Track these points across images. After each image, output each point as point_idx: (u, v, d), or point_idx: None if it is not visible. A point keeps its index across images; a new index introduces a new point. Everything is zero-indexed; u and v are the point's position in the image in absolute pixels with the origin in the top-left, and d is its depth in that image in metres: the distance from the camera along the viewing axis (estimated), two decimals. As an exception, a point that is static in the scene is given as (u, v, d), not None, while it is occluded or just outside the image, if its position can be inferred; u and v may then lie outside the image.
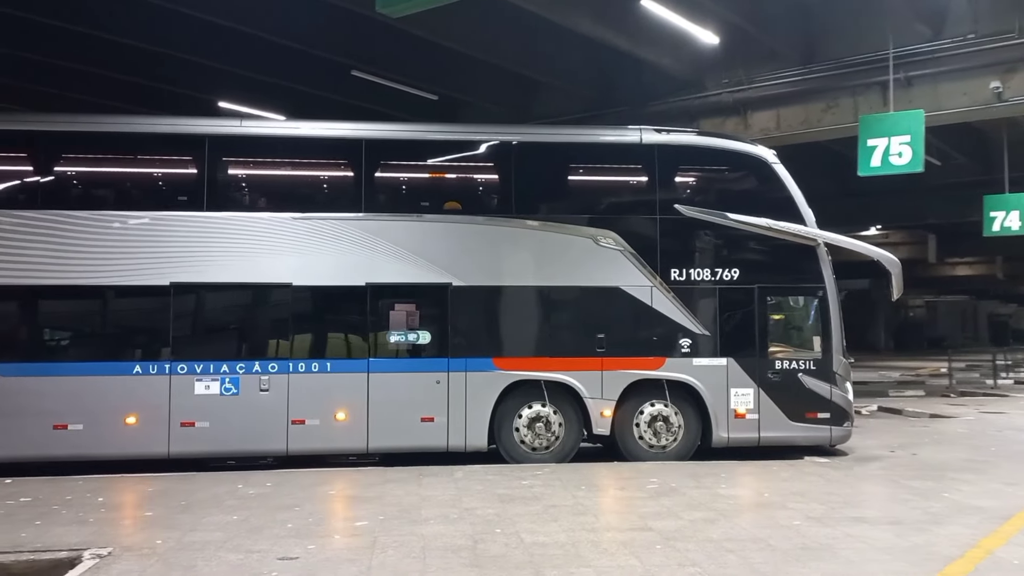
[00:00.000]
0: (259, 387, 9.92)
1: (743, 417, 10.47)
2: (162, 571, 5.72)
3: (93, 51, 17.69)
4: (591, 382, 10.36)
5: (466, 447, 10.18)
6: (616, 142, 11.24)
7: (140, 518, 7.26)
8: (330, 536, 6.62)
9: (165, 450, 9.80)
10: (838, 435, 10.74)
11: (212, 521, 7.16)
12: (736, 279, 10.62)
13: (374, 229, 10.23)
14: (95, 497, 8.19)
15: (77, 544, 6.32)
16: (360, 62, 18.24)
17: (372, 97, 20.17)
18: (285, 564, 5.84)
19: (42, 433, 9.57)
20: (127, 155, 10.65)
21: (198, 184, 10.34)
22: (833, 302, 10.72)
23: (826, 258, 10.78)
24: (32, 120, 11.96)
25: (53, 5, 15.43)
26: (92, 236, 9.86)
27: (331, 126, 11.32)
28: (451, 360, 10.22)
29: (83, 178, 10.76)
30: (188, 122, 10.97)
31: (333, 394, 10.03)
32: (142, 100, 20.04)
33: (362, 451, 10.18)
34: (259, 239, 10.13)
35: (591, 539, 6.57)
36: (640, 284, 10.48)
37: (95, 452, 9.73)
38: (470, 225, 10.54)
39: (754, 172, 11.09)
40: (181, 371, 9.83)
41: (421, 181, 11.42)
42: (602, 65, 17.82)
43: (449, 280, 10.28)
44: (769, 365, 10.58)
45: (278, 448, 9.99)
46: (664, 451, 10.50)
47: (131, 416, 9.74)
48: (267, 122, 12.05)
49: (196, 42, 17.06)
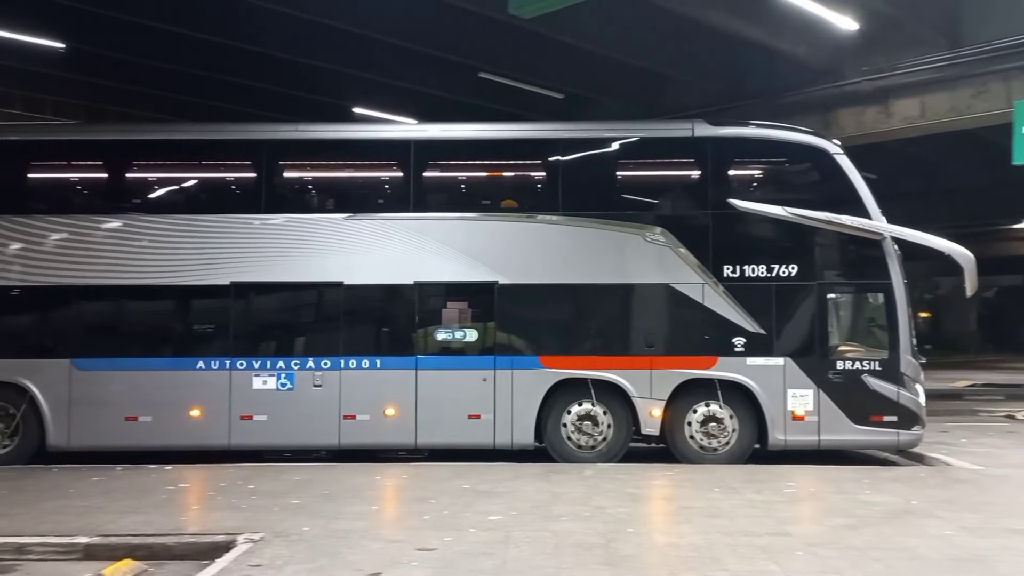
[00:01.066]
0: (313, 383, 10.23)
1: (802, 419, 9.97)
2: (310, 556, 5.99)
3: (242, 64, 18.77)
4: (640, 381, 10.15)
5: (512, 445, 10.18)
6: (667, 137, 11.07)
7: (288, 505, 7.62)
8: (465, 529, 6.77)
9: (226, 441, 10.26)
10: (906, 439, 10.11)
11: (354, 510, 7.45)
12: (794, 275, 10.17)
13: (422, 228, 10.38)
14: (246, 484, 8.66)
15: (232, 528, 6.70)
16: (487, 64, 18.55)
17: (499, 98, 20.46)
18: (424, 555, 6.02)
19: (115, 424, 10.18)
20: (191, 161, 11.25)
21: (256, 188, 10.80)
22: (901, 299, 10.06)
23: (893, 253, 10.16)
24: (108, 130, 13.11)
25: (207, 22, 16.42)
26: (160, 239, 10.43)
27: (381, 129, 11.63)
28: (497, 358, 10.26)
29: (151, 183, 11.36)
30: (247, 128, 11.51)
31: (383, 390, 10.24)
32: (284, 108, 21.05)
33: (411, 446, 10.37)
34: (313, 240, 10.46)
35: (727, 542, 6.45)
36: (691, 281, 10.18)
37: (163, 443, 10.25)
38: (516, 223, 10.54)
39: (815, 164, 10.60)
40: (240, 367, 10.28)
41: (467, 180, 11.46)
42: (733, 57, 17.44)
43: (496, 278, 10.30)
44: (830, 365, 10.07)
45: (331, 442, 10.30)
46: (716, 453, 10.17)
47: (195, 409, 10.24)
48: (321, 126, 12.26)
49: (335, 52, 17.81)
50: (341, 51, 17.78)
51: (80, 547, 6.40)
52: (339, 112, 21.35)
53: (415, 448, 10.43)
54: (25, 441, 10.27)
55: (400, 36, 16.87)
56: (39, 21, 16.36)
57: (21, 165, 10.95)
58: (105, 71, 20.13)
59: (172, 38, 17.27)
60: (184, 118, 21.80)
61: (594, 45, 16.80)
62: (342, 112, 21.44)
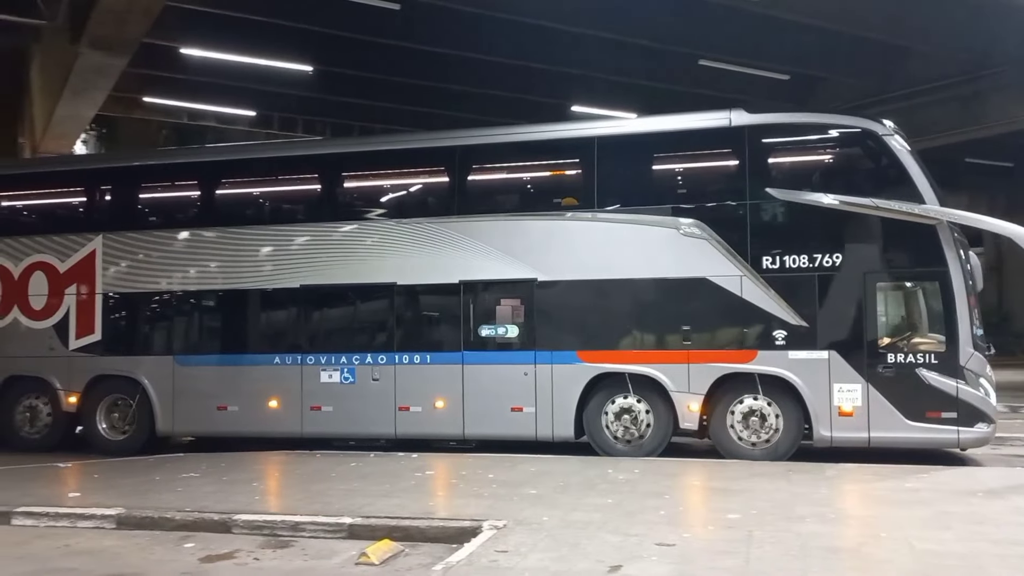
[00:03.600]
0: (371, 377, 10.93)
1: (850, 415, 9.46)
2: (551, 546, 6.18)
3: (466, 72, 19.69)
4: (677, 375, 10.01)
5: (553, 437, 10.37)
6: (703, 128, 10.65)
7: (526, 495, 7.89)
8: (703, 526, 6.69)
9: (299, 430, 11.11)
10: (968, 438, 9.30)
11: (589, 503, 7.59)
12: (839, 265, 9.61)
13: (466, 229, 10.76)
14: (485, 474, 9.07)
15: (477, 515, 7.04)
16: (707, 50, 18.19)
17: (719, 84, 20.01)
18: (663, 550, 6.02)
19: (210, 412, 11.37)
20: (271, 177, 12.48)
21: (321, 199, 11.93)
22: (959, 288, 9.27)
23: (951, 238, 9.35)
24: (201, 152, 15.20)
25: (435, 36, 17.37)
26: (243, 248, 11.57)
27: (427, 138, 12.93)
28: (537, 353, 10.46)
29: (236, 199, 12.60)
30: (318, 144, 13.02)
31: (433, 383, 10.73)
32: (506, 111, 21.78)
33: (459, 437, 10.78)
34: (368, 244, 11.27)
35: (995, 552, 5.90)
36: (728, 274, 9.87)
37: (248, 430, 11.36)
38: (553, 221, 10.73)
39: (862, 147, 10.08)
40: (310, 362, 11.16)
41: (507, 182, 11.83)
42: (986, 23, 15.87)
43: (535, 275, 10.51)
44: (880, 358, 9.46)
45: (388, 431, 10.95)
46: (759, 449, 9.84)
47: (273, 400, 11.20)
48: (376, 140, 13.53)
49: (552, 52, 18.18)
50: (557, 51, 18.13)
51: (345, 527, 7.00)
52: (558, 111, 21.79)
53: (463, 439, 10.85)
54: (140, 429, 11.68)
55: (616, 31, 16.93)
56: (291, 49, 18.08)
57: (134, 186, 12.48)
58: (346, 89, 21.89)
59: (404, 54, 18.47)
60: (417, 127, 23.16)
61: (829, 23, 15.96)
62: (561, 111, 21.85)
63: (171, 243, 11.88)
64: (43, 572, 6.10)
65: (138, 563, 6.33)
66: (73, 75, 15.69)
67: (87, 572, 6.10)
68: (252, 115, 24.67)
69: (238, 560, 6.40)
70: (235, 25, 16.94)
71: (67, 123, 18.71)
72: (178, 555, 6.55)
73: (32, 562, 6.37)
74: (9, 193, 13.28)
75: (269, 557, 6.48)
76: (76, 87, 16.30)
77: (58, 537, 7.12)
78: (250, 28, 17.06)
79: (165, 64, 18.87)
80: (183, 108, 24.18)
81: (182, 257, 11.84)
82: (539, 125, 12.17)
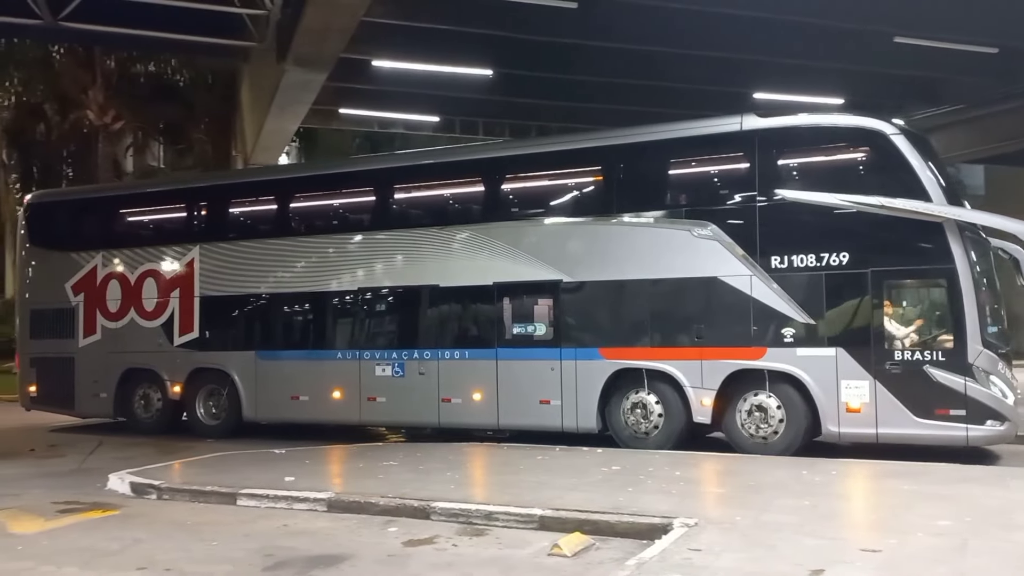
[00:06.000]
0: (418, 371, 11.87)
1: (857, 411, 9.62)
2: (745, 546, 6.07)
3: (643, 65, 19.55)
4: (691, 371, 10.41)
5: (578, 428, 11.01)
6: (715, 133, 10.93)
7: (715, 494, 7.80)
8: (911, 533, 6.33)
9: (358, 418, 12.42)
10: (977, 435, 9.35)
11: (783, 504, 7.37)
12: (845, 264, 9.79)
13: (497, 234, 11.59)
14: (672, 471, 9.02)
15: (666, 512, 6.99)
16: (902, 28, 17.09)
17: (916, 62, 18.79)
18: (867, 555, 5.75)
19: (286, 401, 12.75)
20: (332, 191, 13.58)
21: (376, 209, 12.97)
22: (967, 286, 9.29)
23: (959, 236, 9.38)
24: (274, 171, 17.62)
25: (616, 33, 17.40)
26: (310, 255, 12.90)
27: (463, 150, 14.62)
28: (563, 349, 11.11)
29: (306, 212, 13.75)
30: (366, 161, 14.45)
31: (471, 377, 11.57)
32: (683, 103, 21.42)
33: (495, 427, 11.60)
34: (413, 249, 12.21)
35: None
36: (738, 273, 10.20)
37: (316, 418, 12.76)
38: (576, 225, 11.45)
39: (870, 147, 10.12)
40: (366, 357, 12.27)
41: (535, 189, 12.35)
42: None
43: (560, 277, 11.15)
44: (887, 356, 9.61)
45: (433, 421, 12.01)
46: (766, 443, 10.14)
47: (337, 391, 12.38)
48: (417, 157, 14.32)
49: (732, 40, 17.71)
50: (738, 38, 17.64)
51: (536, 518, 7.18)
52: (739, 100, 21.20)
53: (498, 428, 11.66)
54: (230, 416, 13.22)
55: (802, 12, 16.25)
56: (473, 54, 18.69)
57: (222, 203, 14.07)
58: (525, 90, 22.35)
59: (580, 51, 18.60)
60: (598, 124, 23.24)
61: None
62: (742, 100, 21.24)
63: (252, 251, 13.32)
64: (267, 549, 6.68)
65: (348, 544, 6.81)
66: (279, 91, 17.04)
67: (305, 551, 6.63)
68: (435, 120, 25.71)
69: (438, 545, 6.73)
70: (421, 35, 17.75)
71: (274, 136, 20.35)
72: (383, 538, 6.99)
73: (257, 539, 7.00)
74: (127, 211, 15.34)
75: (466, 544, 6.78)
76: (282, 102, 17.69)
77: (277, 517, 7.77)
78: (435, 37, 17.82)
79: (358, 76, 20.05)
80: (374, 117, 25.58)
81: (261, 264, 13.22)
82: (562, 136, 14.00)
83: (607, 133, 13.04)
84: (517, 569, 6.12)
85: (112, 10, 16.07)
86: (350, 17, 14.07)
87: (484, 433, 11.93)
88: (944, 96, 22.12)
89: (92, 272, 14.33)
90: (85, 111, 24.97)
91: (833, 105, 22.21)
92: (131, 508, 8.35)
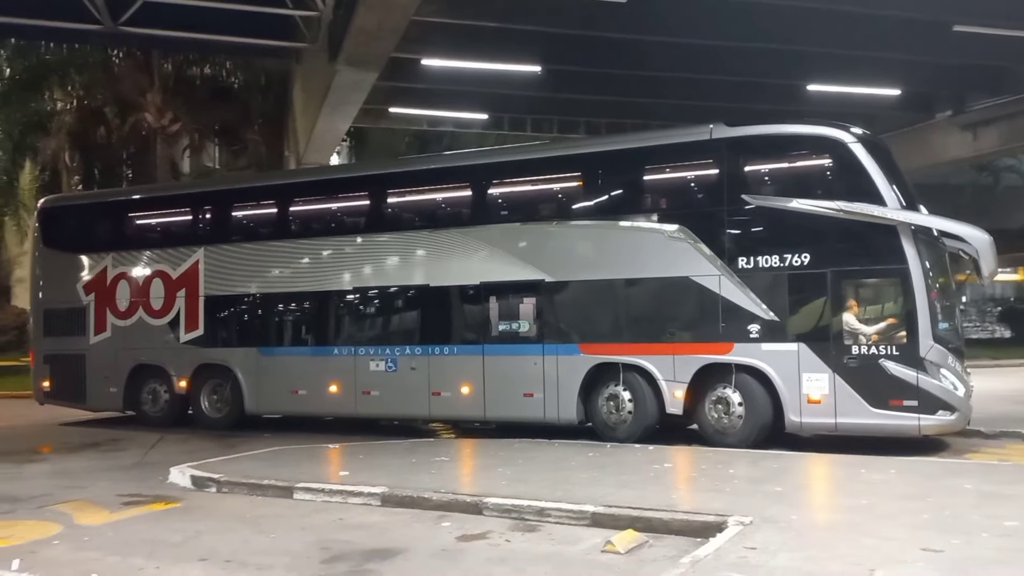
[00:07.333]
0: (409, 366, 12.44)
1: (818, 402, 10.17)
2: (801, 545, 6.00)
3: (692, 59, 19.35)
4: (664, 365, 10.96)
5: (559, 420, 11.52)
6: (687, 142, 11.61)
7: (770, 492, 7.68)
8: (975, 533, 6.17)
9: (354, 410, 13.03)
10: (928, 424, 9.88)
11: (840, 503, 7.28)
12: (806, 264, 10.34)
13: (484, 237, 12.19)
14: (726, 469, 8.96)
15: (720, 510, 6.94)
16: (961, 16, 16.65)
17: (976, 51, 18.28)
18: (929, 556, 5.64)
19: (285, 395, 13.39)
20: (325, 195, 14.17)
21: (370, 213, 13.52)
22: (919, 285, 9.86)
23: (912, 238, 9.93)
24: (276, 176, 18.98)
25: (662, 26, 17.23)
26: (307, 256, 13.54)
27: (452, 159, 15.32)
28: (545, 345, 11.66)
29: (305, 216, 14.29)
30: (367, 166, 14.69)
31: (459, 372, 12.09)
32: (735, 96, 21.16)
33: (482, 419, 12.30)
34: (405, 250, 12.90)
35: None
36: (707, 273, 10.73)
37: (314, 410, 13.55)
38: (557, 227, 12.04)
39: (830, 154, 10.63)
40: (361, 353, 12.84)
41: (519, 194, 12.88)
42: None
43: (542, 277, 11.71)
44: (844, 350, 10.14)
45: (424, 413, 12.79)
46: (729, 434, 10.65)
47: (334, 385, 12.99)
48: (410, 163, 16.29)
49: (786, 32, 17.43)
50: (792, 30, 17.36)
51: (588, 514, 7.18)
52: (791, 93, 20.87)
53: (485, 420, 12.35)
54: (233, 409, 13.84)
55: (861, 3, 15.94)
56: (522, 51, 18.68)
57: (225, 207, 14.63)
58: (573, 86, 22.24)
59: (630, 46, 18.46)
60: (646, 118, 23.10)
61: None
62: (794, 92, 20.91)
63: (254, 253, 13.94)
64: (324, 542, 6.80)
65: (402, 539, 6.89)
66: (331, 92, 17.23)
67: (360, 544, 6.73)
68: (484, 118, 25.76)
69: (491, 541, 6.78)
70: (469, 33, 17.79)
71: (325, 136, 20.58)
72: (437, 533, 7.06)
73: (313, 533, 7.13)
74: (136, 215, 16.01)
75: (519, 540, 6.81)
76: (333, 102, 17.89)
77: (332, 511, 7.90)
78: (483, 34, 17.84)
79: (407, 75, 20.17)
80: (423, 116, 25.71)
81: (261, 264, 13.84)
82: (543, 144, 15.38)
83: (587, 141, 13.77)
84: (571, 565, 6.13)
85: (169, 14, 16.45)
86: (401, 16, 14.16)
87: (472, 424, 12.94)
88: (1006, 86, 21.50)
89: (102, 273, 14.99)
90: (144, 114, 25.53)
91: (890, 96, 21.81)
92: (192, 500, 8.57)
